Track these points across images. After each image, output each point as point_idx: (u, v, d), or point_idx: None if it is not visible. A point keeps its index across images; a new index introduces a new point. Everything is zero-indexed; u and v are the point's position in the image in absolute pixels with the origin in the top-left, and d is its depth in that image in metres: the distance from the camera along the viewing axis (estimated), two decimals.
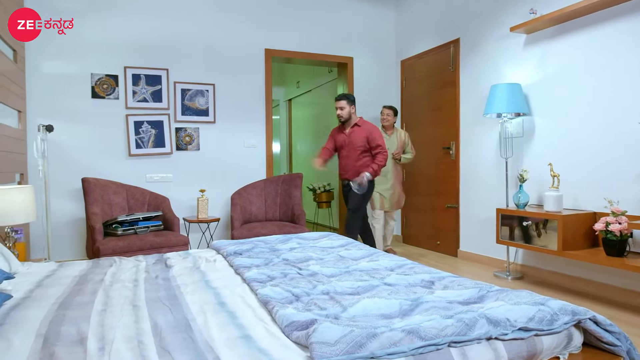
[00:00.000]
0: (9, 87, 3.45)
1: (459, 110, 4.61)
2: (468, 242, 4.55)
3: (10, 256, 2.29)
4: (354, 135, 4.03)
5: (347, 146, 4.05)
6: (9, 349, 1.32)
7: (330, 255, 2.54)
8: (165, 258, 2.64)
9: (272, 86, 6.62)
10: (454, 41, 4.64)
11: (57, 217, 4.10)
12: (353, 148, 4.01)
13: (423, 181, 5.18)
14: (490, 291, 1.70)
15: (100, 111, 4.30)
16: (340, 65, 5.56)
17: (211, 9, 4.73)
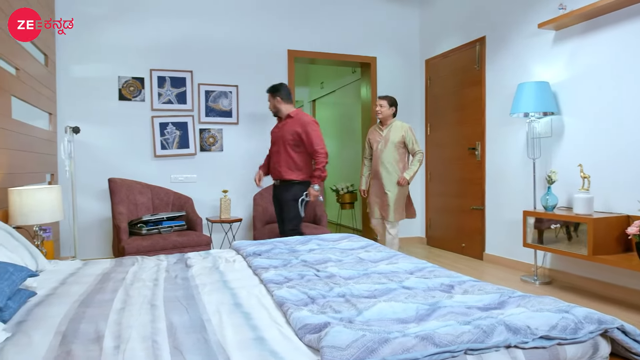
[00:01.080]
0: (40, 90, 3.57)
1: (484, 110, 4.50)
2: (494, 245, 4.43)
3: (37, 254, 2.36)
4: (284, 128, 3.58)
5: (276, 140, 3.64)
6: (29, 345, 1.36)
7: (349, 257, 2.52)
8: (186, 258, 2.66)
9: (296, 87, 6.66)
10: (480, 39, 4.54)
11: (85, 216, 4.22)
12: (283, 143, 3.55)
13: (447, 182, 5.08)
14: (512, 297, 1.64)
15: (127, 113, 4.40)
16: (363, 65, 5.52)
17: (234, 11, 4.78)
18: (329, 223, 7.26)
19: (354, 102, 6.37)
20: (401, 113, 5.48)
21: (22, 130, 3.10)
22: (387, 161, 4.07)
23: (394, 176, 4.06)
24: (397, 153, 4.07)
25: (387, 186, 4.06)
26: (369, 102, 5.45)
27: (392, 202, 4.08)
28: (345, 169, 6.97)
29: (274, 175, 3.66)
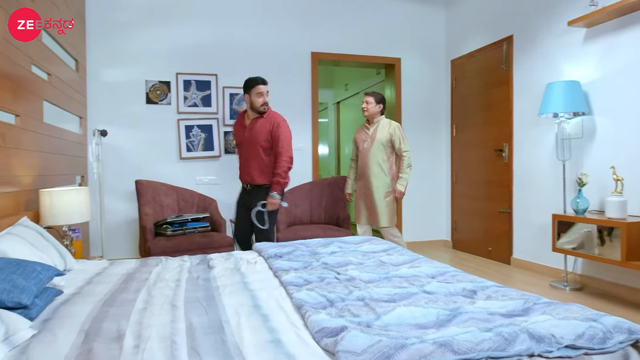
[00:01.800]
0: (71, 95, 3.69)
1: (512, 111, 4.39)
2: (522, 249, 4.31)
3: (66, 253, 2.43)
4: (256, 128, 3.28)
5: (247, 142, 3.33)
6: (54, 343, 1.39)
7: (370, 260, 2.49)
8: (208, 259, 2.69)
9: (320, 89, 6.65)
10: (507, 38, 4.43)
11: (114, 217, 4.33)
12: (255, 144, 3.28)
13: (473, 184, 4.98)
14: (537, 303, 1.59)
15: (154, 116, 4.50)
16: (387, 66, 5.47)
17: (258, 14, 4.82)
18: (353, 225, 7.23)
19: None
20: (426, 114, 5.43)
21: (53, 134, 3.21)
22: (373, 161, 3.83)
23: (381, 177, 3.82)
24: (384, 153, 3.83)
25: (374, 189, 3.83)
26: (393, 103, 5.40)
27: (381, 205, 3.83)
28: None
29: (244, 179, 3.39)
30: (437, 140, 5.50)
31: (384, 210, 3.84)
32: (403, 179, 3.82)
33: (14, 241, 2.06)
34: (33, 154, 2.79)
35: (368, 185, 3.87)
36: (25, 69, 2.69)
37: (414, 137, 5.39)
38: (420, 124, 5.43)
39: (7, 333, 1.35)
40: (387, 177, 3.84)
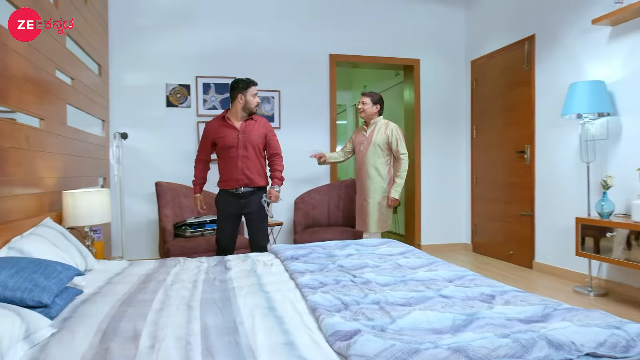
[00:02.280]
0: (94, 98, 3.77)
1: (534, 111, 4.30)
2: (544, 253, 4.21)
3: (87, 254, 2.48)
4: (251, 130, 3.20)
5: (241, 145, 3.18)
6: (72, 341, 1.42)
7: (387, 263, 2.47)
8: (225, 260, 2.71)
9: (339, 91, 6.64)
10: (529, 38, 4.34)
11: (134, 218, 4.41)
12: (252, 146, 3.19)
13: (494, 187, 4.89)
14: (558, 309, 1.54)
15: (174, 119, 4.56)
16: (406, 67, 5.43)
17: (277, 17, 4.85)
18: None
19: (397, 105, 6.27)
20: (445, 115, 5.36)
21: (77, 137, 3.29)
22: (370, 165, 3.64)
23: (377, 181, 3.63)
24: (381, 156, 3.64)
25: (369, 193, 3.65)
26: (412, 105, 5.35)
27: (372, 210, 3.64)
28: None
29: (239, 183, 3.18)
30: (457, 141, 5.43)
31: (376, 215, 3.63)
32: (397, 184, 3.60)
33: (37, 241, 2.11)
34: (57, 157, 2.86)
35: (364, 189, 3.70)
36: (49, 74, 2.77)
37: (433, 139, 5.33)
38: (440, 126, 5.36)
39: (28, 331, 1.39)
40: (384, 181, 3.64)
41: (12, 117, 2.69)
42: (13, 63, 2.26)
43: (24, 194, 2.36)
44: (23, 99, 2.38)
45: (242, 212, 3.28)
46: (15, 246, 1.99)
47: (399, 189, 3.62)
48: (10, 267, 1.63)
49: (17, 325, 1.34)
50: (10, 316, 1.36)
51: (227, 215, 3.27)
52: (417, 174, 5.31)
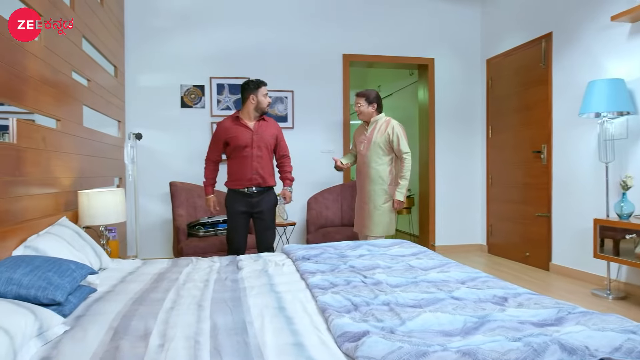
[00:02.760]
0: (110, 99, 3.83)
1: (551, 111, 4.22)
2: (561, 255, 4.13)
3: (101, 253, 2.52)
4: (264, 130, 3.24)
5: (255, 145, 3.19)
6: (84, 339, 1.44)
7: (399, 264, 2.45)
8: (237, 260, 2.72)
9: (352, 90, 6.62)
10: (546, 35, 4.27)
11: (149, 217, 4.46)
12: (265, 146, 3.23)
13: (510, 187, 4.82)
14: (572, 313, 1.51)
15: (188, 119, 4.61)
16: (420, 67, 5.39)
17: (290, 17, 4.85)
18: None
19: (412, 105, 6.23)
20: (460, 115, 5.31)
21: (92, 137, 3.34)
22: (370, 166, 3.49)
23: (378, 183, 3.47)
24: (382, 156, 3.47)
25: (370, 195, 3.50)
26: (427, 105, 5.31)
27: (373, 213, 3.47)
28: None
29: (253, 182, 3.19)
30: (472, 141, 5.36)
31: (379, 218, 3.46)
32: (401, 186, 3.42)
33: (52, 240, 2.15)
34: (73, 157, 2.91)
35: (364, 191, 3.54)
36: (66, 76, 2.82)
37: (448, 139, 5.28)
38: (455, 125, 5.31)
39: (41, 328, 1.41)
40: (385, 182, 3.47)
41: (32, 119, 2.75)
42: (30, 65, 2.30)
43: (40, 194, 2.41)
44: (40, 100, 2.43)
45: (253, 211, 3.28)
46: (31, 245, 2.03)
47: (404, 191, 3.44)
48: (25, 265, 1.66)
49: (30, 323, 1.37)
50: (24, 313, 1.38)
51: (239, 215, 3.26)
52: (432, 174, 5.27)
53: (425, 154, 5.35)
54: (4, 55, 2.03)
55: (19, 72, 2.18)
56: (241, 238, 3.31)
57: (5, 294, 1.54)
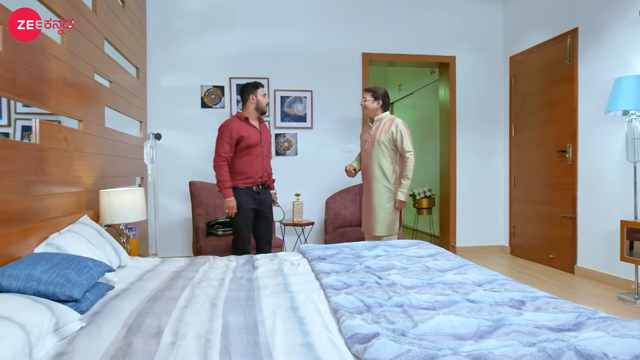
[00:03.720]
0: (131, 100, 3.90)
1: (576, 109, 4.10)
2: (587, 258, 4.01)
3: (121, 250, 2.57)
4: (266, 131, 3.42)
5: (263, 144, 3.34)
6: (99, 335, 1.47)
7: (415, 265, 2.42)
8: (254, 259, 2.73)
9: None
10: (572, 31, 4.14)
11: (170, 216, 4.53)
12: (268, 146, 3.41)
13: (533, 187, 4.70)
14: (592, 318, 1.46)
15: (208, 120, 4.66)
16: (441, 65, 5.31)
17: (308, 17, 4.85)
18: (405, 228, 7.09)
19: (433, 103, 6.16)
20: (482, 114, 5.21)
21: (114, 137, 3.41)
22: (374, 164, 3.44)
23: (382, 181, 3.42)
24: (386, 155, 3.41)
25: (374, 194, 3.45)
26: (448, 103, 5.23)
27: (377, 213, 3.42)
28: (423, 173, 6.76)
29: (260, 181, 3.32)
30: (495, 141, 5.26)
31: (383, 218, 3.42)
32: (404, 185, 3.37)
33: (73, 238, 2.20)
34: (95, 157, 2.98)
35: (369, 189, 3.50)
36: (88, 77, 2.88)
37: (470, 138, 5.19)
38: (477, 125, 5.21)
39: (58, 324, 1.44)
40: (389, 181, 3.42)
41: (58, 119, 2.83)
42: (53, 67, 2.37)
43: (62, 193, 2.47)
44: (62, 101, 2.49)
45: (259, 208, 3.37)
46: (53, 242, 2.08)
47: (405, 191, 3.38)
48: (45, 262, 1.71)
49: (47, 318, 1.40)
50: (41, 309, 1.42)
51: (249, 212, 3.31)
52: (453, 174, 5.18)
53: (446, 153, 5.27)
54: (26, 58, 2.09)
55: (41, 75, 2.24)
56: (249, 235, 3.38)
57: (25, 290, 1.59)
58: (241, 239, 3.32)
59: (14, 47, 1.98)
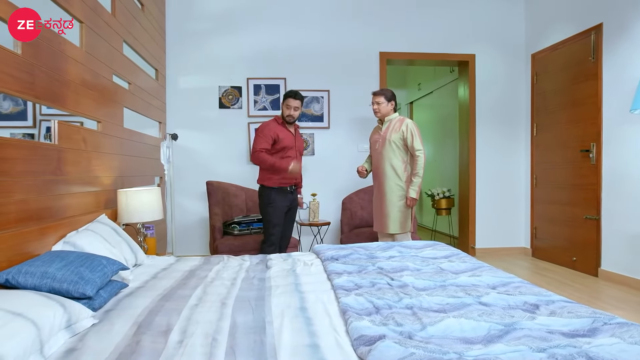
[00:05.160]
0: (150, 101, 3.97)
1: (601, 107, 3.97)
2: (612, 261, 3.88)
3: (137, 249, 2.61)
4: (298, 135, 3.65)
5: (296, 148, 3.55)
6: (109, 332, 1.49)
7: (429, 266, 2.38)
8: (267, 259, 2.74)
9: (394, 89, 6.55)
10: (596, 27, 4.02)
11: (189, 216, 4.60)
12: (299, 150, 3.61)
13: (556, 188, 4.58)
14: (608, 324, 1.41)
15: (226, 120, 4.70)
16: (461, 63, 5.23)
17: (325, 17, 4.84)
18: (424, 229, 7.01)
19: (452, 102, 6.07)
20: (503, 113, 5.11)
21: (133, 138, 3.47)
22: (386, 163, 3.47)
23: (393, 180, 3.45)
24: (397, 154, 3.44)
25: (386, 192, 3.47)
26: (467, 102, 5.14)
27: (390, 210, 3.45)
28: (442, 173, 6.67)
29: (295, 181, 3.58)
30: (515, 140, 5.15)
31: (396, 216, 3.44)
32: (414, 183, 3.39)
33: (90, 236, 2.25)
34: (113, 157, 3.04)
35: (381, 188, 3.52)
36: (106, 79, 2.94)
37: (490, 137, 5.09)
38: (497, 124, 5.11)
39: (70, 321, 1.48)
40: (401, 179, 3.44)
41: (80, 121, 2.90)
42: (71, 70, 2.42)
43: (80, 192, 2.53)
44: (81, 103, 2.55)
45: (291, 206, 3.61)
46: (70, 240, 2.13)
47: (416, 188, 3.40)
48: (60, 260, 1.75)
49: (59, 315, 1.43)
50: (53, 306, 1.45)
51: (283, 210, 3.52)
52: (472, 174, 5.10)
53: (466, 153, 5.19)
54: (45, 61, 2.15)
55: (60, 77, 2.29)
56: (280, 231, 3.56)
57: (40, 287, 1.63)
58: (273, 235, 3.49)
59: (33, 50, 2.04)
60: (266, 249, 3.47)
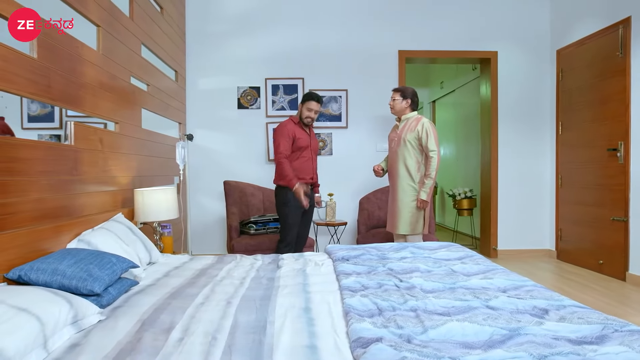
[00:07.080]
0: (169, 102, 4.04)
1: (629, 104, 3.81)
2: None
3: (152, 248, 2.66)
4: (314, 136, 3.69)
5: (311, 148, 3.60)
6: (114, 329, 1.52)
7: (440, 268, 2.34)
8: (279, 259, 2.75)
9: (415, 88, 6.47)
10: (624, 21, 3.86)
11: (207, 215, 4.66)
12: (315, 152, 3.68)
13: (582, 188, 4.43)
14: (619, 331, 1.34)
15: (244, 120, 4.74)
16: (483, 61, 5.11)
17: (343, 16, 4.82)
18: (444, 229, 6.90)
19: (474, 101, 5.94)
20: (526, 111, 4.97)
21: (151, 138, 3.54)
22: (400, 163, 3.41)
23: (407, 180, 3.39)
24: (412, 153, 3.37)
25: (398, 192, 3.42)
26: (489, 100, 5.03)
27: (401, 210, 3.39)
28: (464, 172, 6.55)
29: (311, 181, 3.63)
30: (539, 139, 4.99)
31: (407, 216, 3.38)
32: (426, 185, 3.33)
33: (104, 235, 2.30)
34: (131, 157, 3.11)
35: (394, 188, 3.48)
36: (124, 81, 3.01)
37: (513, 136, 4.96)
38: (520, 122, 4.97)
39: (76, 317, 1.51)
40: (414, 180, 3.39)
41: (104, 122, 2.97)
42: (88, 72, 2.49)
43: (97, 191, 2.59)
44: (98, 105, 2.62)
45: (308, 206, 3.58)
46: (84, 239, 2.18)
47: (428, 190, 3.32)
48: (71, 257, 1.79)
49: (64, 311, 1.47)
50: (59, 302, 1.49)
51: (299, 211, 3.52)
52: (494, 173, 4.98)
53: (488, 152, 5.07)
54: (62, 64, 2.21)
55: (76, 79, 2.36)
56: (296, 230, 3.56)
57: (51, 283, 1.68)
58: (290, 234, 3.50)
59: (49, 53, 2.10)
60: (282, 249, 3.48)
